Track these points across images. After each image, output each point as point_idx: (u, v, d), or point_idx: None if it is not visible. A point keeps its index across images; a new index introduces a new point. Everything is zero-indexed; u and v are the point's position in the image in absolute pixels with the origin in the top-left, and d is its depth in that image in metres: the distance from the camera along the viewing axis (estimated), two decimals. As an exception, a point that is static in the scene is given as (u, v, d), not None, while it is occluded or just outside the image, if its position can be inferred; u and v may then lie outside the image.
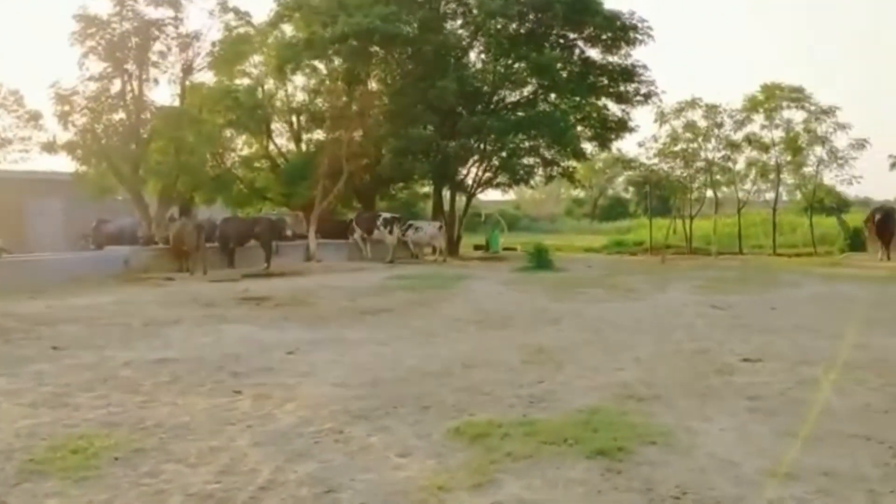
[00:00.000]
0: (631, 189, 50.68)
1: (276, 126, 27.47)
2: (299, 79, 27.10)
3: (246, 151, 27.65)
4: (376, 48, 25.43)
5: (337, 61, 25.79)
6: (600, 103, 28.03)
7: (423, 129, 25.61)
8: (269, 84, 26.83)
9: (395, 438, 5.39)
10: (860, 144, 27.25)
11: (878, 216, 23.29)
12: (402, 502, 4.26)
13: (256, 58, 26.33)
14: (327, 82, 26.38)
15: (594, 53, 27.49)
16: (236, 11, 23.20)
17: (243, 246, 21.15)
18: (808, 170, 28.73)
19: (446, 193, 28.39)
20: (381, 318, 11.43)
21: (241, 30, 23.94)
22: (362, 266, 21.47)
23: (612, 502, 4.19)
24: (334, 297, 14.05)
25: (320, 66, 26.71)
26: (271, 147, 27.45)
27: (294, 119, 27.30)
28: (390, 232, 23.78)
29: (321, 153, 24.60)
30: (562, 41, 27.21)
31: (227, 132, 25.95)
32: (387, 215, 24.63)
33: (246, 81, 26.16)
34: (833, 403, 6.21)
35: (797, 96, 27.83)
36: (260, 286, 16.08)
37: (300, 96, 27.44)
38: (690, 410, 6.05)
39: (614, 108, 28.07)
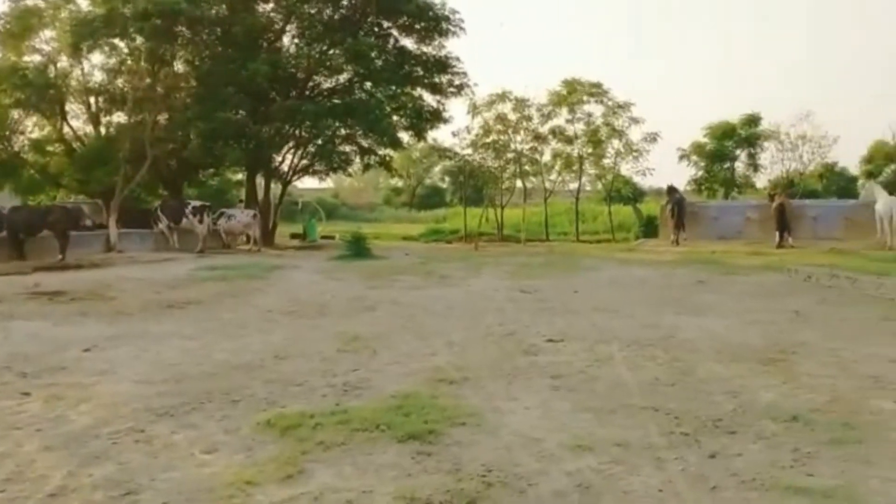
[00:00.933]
0: (447, 178, 51.95)
1: (72, 107, 25.48)
2: (97, 57, 25.21)
3: (37, 134, 25.56)
4: (182, 28, 24.20)
5: (139, 40, 24.23)
6: (416, 93, 28.31)
7: (235, 113, 24.71)
8: (64, 62, 24.80)
9: (200, 435, 5.19)
10: (652, 138, 29.51)
11: (675, 200, 24.98)
12: (206, 499, 4.10)
13: (48, 33, 24.38)
14: (129, 62, 24.77)
15: (409, 43, 27.72)
16: (24, -19, 21.25)
17: (35, 236, 19.51)
18: (607, 161, 30.72)
19: (260, 181, 27.63)
20: (188, 311, 10.93)
21: (31, 2, 21.95)
22: (169, 257, 20.42)
23: (422, 484, 4.26)
24: (137, 289, 13.28)
25: (121, 44, 24.96)
26: (66, 130, 25.44)
27: (92, 100, 25.40)
28: (200, 221, 22.78)
29: (122, 137, 23.20)
30: (377, 29, 27.19)
31: (15, 113, 23.90)
32: (196, 203, 23.59)
33: (36, 58, 24.16)
34: (626, 378, 6.68)
35: (596, 91, 29.63)
36: (54, 279, 14.89)
37: (98, 76, 25.54)
38: (498, 391, 6.28)
39: (429, 99, 28.47)
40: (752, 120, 34.80)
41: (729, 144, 34.85)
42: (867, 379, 6.59)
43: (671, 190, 25.64)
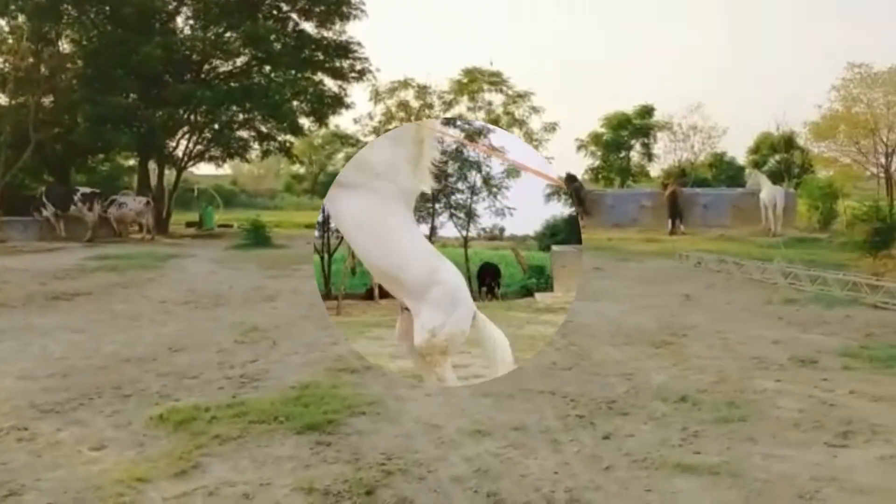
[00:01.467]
0: (350, 165, 51.43)
1: (-53, 88, 23.85)
2: (-26, 36, 23.72)
3: None
4: (68, 6, 23.00)
5: (21, 18, 22.91)
6: (316, 78, 27.84)
7: (125, 96, 23.69)
8: (-63, 40, 23.23)
9: (89, 431, 4.99)
10: (551, 127, 30.10)
11: (573, 188, 25.49)
12: (94, 498, 3.94)
13: (-82, 9, 22.72)
14: (10, 41, 23.39)
15: (309, 27, 27.20)
16: None
17: None
18: (508, 150, 31.07)
19: (154, 166, 26.63)
20: (76, 303, 10.46)
21: None
22: (56, 246, 19.45)
23: (321, 475, 4.22)
24: (21, 280, 12.57)
25: (1, 22, 23.60)
26: (-59, 112, 23.81)
27: (-31, 80, 23.86)
28: (90, 208, 21.78)
29: (3, 120, 21.89)
30: (275, 12, 26.56)
31: None
32: (86, 190, 22.53)
33: None
34: (524, 363, 6.79)
35: (495, 80, 29.94)
36: (-73, 271, 13.96)
37: (-24, 55, 24.02)
38: (399, 378, 6.26)
39: (330, 84, 28.03)
40: (646, 111, 35.95)
41: (624, 134, 35.87)
42: (751, 360, 6.94)
43: (570, 178, 26.18)
